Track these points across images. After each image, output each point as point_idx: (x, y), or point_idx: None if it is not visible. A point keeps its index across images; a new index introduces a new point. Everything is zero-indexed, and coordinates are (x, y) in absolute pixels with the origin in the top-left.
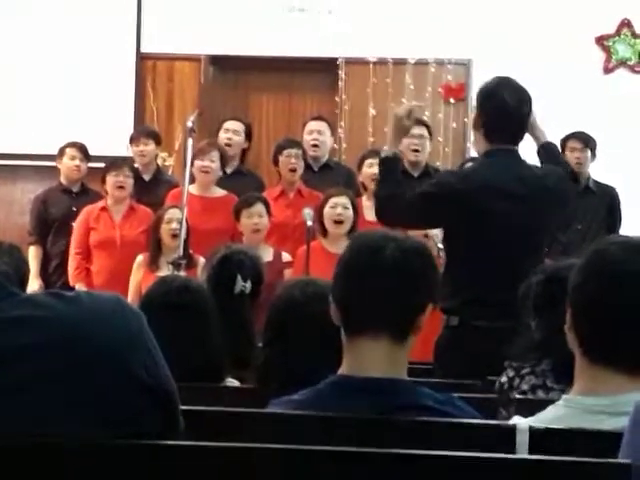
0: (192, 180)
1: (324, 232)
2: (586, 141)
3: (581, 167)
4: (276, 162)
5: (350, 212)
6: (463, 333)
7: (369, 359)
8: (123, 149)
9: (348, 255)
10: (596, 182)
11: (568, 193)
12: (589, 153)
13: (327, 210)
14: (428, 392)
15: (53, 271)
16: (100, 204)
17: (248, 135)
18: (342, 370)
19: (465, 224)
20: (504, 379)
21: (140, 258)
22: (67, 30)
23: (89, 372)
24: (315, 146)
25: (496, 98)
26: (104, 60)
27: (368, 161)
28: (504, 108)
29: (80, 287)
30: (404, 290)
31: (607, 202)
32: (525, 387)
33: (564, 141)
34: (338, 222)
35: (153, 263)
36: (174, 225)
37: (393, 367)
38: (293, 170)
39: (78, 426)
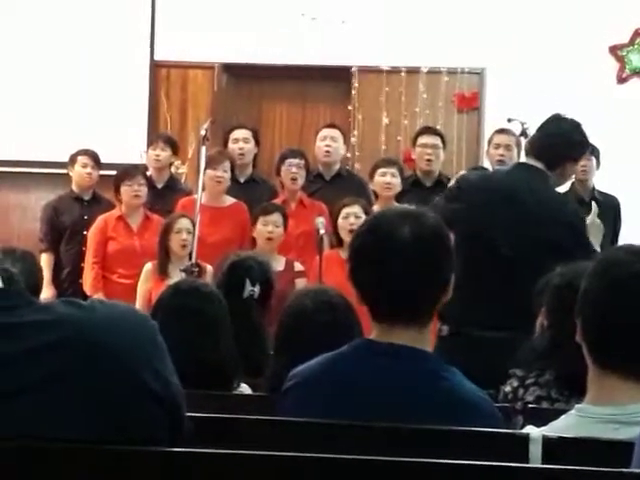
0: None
1: (339, 243)
2: (591, 149)
3: (587, 175)
4: (278, 172)
5: (363, 220)
6: (454, 343)
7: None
8: (136, 157)
9: (362, 238)
10: (600, 192)
11: (581, 226)
12: (594, 161)
13: (341, 221)
14: (451, 369)
15: (65, 278)
16: (115, 213)
17: (256, 140)
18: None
19: (467, 223)
20: (508, 389)
21: (149, 266)
22: (81, 38)
23: (100, 376)
24: (327, 152)
25: (550, 122)
26: (118, 68)
27: (381, 170)
28: (554, 130)
29: (99, 296)
30: (423, 277)
31: (612, 212)
32: (530, 398)
33: None
34: (352, 231)
35: (162, 271)
36: (184, 236)
37: (418, 344)
38: (294, 179)
39: (85, 428)
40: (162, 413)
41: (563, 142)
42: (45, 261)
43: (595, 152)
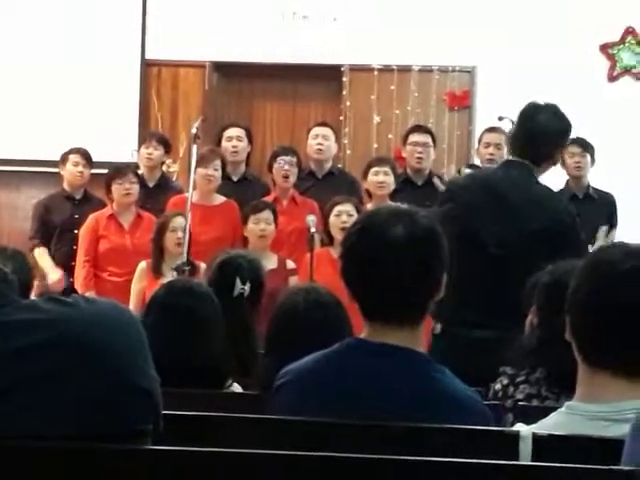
0: (194, 186)
1: (330, 241)
2: (585, 146)
3: (581, 171)
4: (270, 169)
5: (355, 218)
6: (445, 341)
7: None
8: (127, 155)
9: (355, 237)
10: (595, 189)
11: (569, 220)
12: (588, 158)
13: (332, 219)
14: (442, 368)
15: None
16: (107, 212)
17: (249, 139)
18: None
19: (456, 223)
20: (498, 387)
21: (143, 265)
22: (72, 36)
23: (90, 374)
24: (319, 150)
25: (529, 116)
26: (109, 66)
27: (374, 169)
28: (532, 124)
29: (91, 295)
30: (415, 276)
31: (607, 209)
32: (520, 396)
33: None
34: (344, 230)
35: (157, 270)
36: (180, 234)
37: (410, 343)
38: (286, 177)
39: (76, 425)
40: (149, 407)
41: (544, 136)
42: (41, 252)
43: (589, 149)
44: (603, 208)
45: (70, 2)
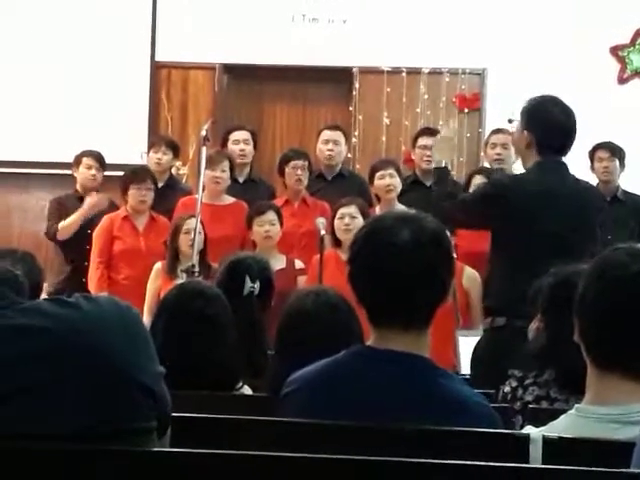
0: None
1: (337, 243)
2: (613, 150)
3: (609, 176)
4: (281, 172)
5: (359, 220)
6: (505, 333)
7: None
8: (137, 157)
9: (361, 243)
10: (625, 192)
11: (600, 207)
12: (617, 162)
13: (336, 222)
14: (448, 373)
15: (69, 276)
16: (121, 213)
17: (255, 142)
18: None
19: (514, 224)
20: (507, 389)
21: (158, 265)
22: (82, 39)
23: (93, 375)
24: (330, 156)
25: (546, 114)
26: (119, 68)
27: (379, 173)
28: (555, 123)
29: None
30: (421, 281)
31: (637, 212)
32: (529, 398)
33: (592, 152)
34: (347, 231)
35: (172, 271)
36: (193, 236)
37: (415, 348)
38: (299, 180)
39: (77, 424)
40: (153, 404)
41: (573, 128)
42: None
43: (617, 153)
44: (633, 211)
45: (80, 5)
